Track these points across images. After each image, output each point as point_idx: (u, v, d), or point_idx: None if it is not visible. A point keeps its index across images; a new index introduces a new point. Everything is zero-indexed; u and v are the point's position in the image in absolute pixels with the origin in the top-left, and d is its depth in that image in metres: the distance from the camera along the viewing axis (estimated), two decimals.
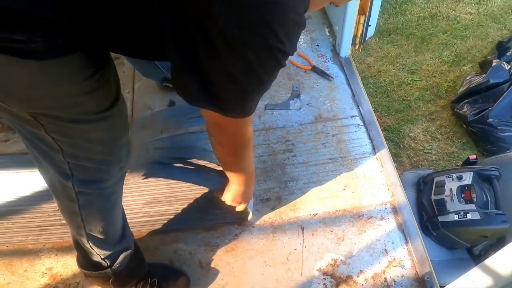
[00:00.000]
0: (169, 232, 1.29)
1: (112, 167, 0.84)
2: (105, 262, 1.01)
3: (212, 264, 1.24)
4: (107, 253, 1.00)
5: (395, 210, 1.36)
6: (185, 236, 1.29)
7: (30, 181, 1.35)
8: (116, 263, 1.03)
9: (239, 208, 1.16)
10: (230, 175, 1.03)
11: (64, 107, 0.65)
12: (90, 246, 0.96)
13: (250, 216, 1.31)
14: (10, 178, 1.38)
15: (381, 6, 2.89)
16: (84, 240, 0.95)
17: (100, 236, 0.95)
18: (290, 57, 1.78)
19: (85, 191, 0.84)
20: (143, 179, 1.28)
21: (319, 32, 1.91)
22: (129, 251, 1.05)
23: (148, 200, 1.34)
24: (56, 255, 1.25)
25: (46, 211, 1.29)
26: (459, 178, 1.62)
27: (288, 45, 0.60)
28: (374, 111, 2.29)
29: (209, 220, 1.32)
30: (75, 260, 1.21)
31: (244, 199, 1.13)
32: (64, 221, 1.25)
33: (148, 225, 1.31)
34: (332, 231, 1.31)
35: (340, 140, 1.51)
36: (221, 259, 1.25)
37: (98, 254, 0.99)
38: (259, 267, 1.24)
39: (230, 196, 1.11)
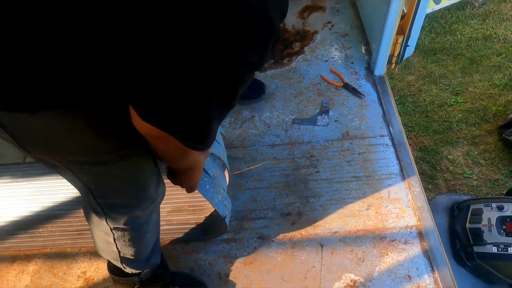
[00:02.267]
0: (190, 242, 1.38)
1: (142, 203, 0.90)
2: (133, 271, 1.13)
3: (231, 276, 1.32)
4: (137, 271, 1.11)
5: (421, 235, 1.38)
6: (206, 246, 1.38)
7: (71, 186, 1.51)
8: (142, 272, 1.14)
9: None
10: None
11: (82, 151, 0.71)
12: (123, 266, 1.08)
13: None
14: (56, 183, 1.54)
15: (428, 25, 2.92)
16: (118, 263, 1.06)
17: (132, 258, 1.05)
18: (322, 73, 1.85)
19: (119, 227, 0.93)
20: None
21: (355, 49, 1.97)
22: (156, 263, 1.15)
23: (171, 209, 1.44)
24: (89, 259, 1.38)
25: (82, 216, 1.42)
26: (500, 208, 1.59)
27: (253, 56, 0.52)
28: (410, 130, 2.31)
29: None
30: (105, 264, 1.35)
31: (184, 182, 0.97)
32: None
33: (171, 233, 1.41)
34: (352, 251, 1.35)
35: (366, 159, 1.56)
36: (239, 271, 1.32)
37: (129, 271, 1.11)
38: (276, 282, 1.30)
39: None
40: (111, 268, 1.17)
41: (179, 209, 1.43)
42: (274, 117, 1.71)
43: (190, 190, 1.00)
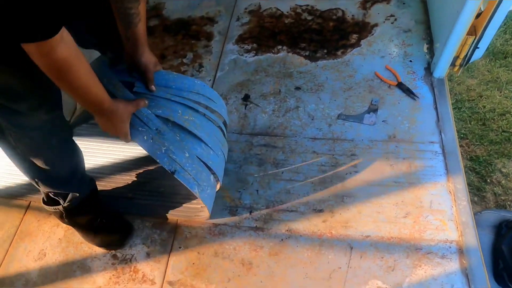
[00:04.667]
0: (218, 224, 1.38)
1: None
2: (58, 199, 1.23)
3: (254, 264, 1.30)
4: (52, 191, 1.21)
5: (461, 252, 1.27)
6: (232, 231, 1.36)
7: (110, 152, 1.54)
8: (66, 201, 1.24)
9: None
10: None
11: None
12: (36, 183, 1.17)
13: (207, 214, 1.35)
14: (98, 147, 1.58)
15: (504, 25, 2.65)
16: (31, 178, 1.16)
17: (44, 172, 1.14)
18: (376, 70, 1.74)
19: (14, 124, 1.02)
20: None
21: (416, 47, 1.83)
22: (77, 195, 1.24)
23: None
24: None
25: (118, 183, 1.46)
26: None
27: None
28: (462, 137, 2.13)
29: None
30: (134, 232, 1.37)
31: (109, 130, 1.07)
32: (130, 195, 1.41)
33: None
34: (383, 257, 1.27)
35: (411, 165, 1.45)
36: (263, 261, 1.30)
37: (44, 192, 1.22)
38: (299, 278, 1.26)
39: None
40: (43, 198, 1.27)
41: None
42: (319, 109, 1.64)
43: (123, 139, 1.09)
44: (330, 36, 1.89)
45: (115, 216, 1.40)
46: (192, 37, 1.97)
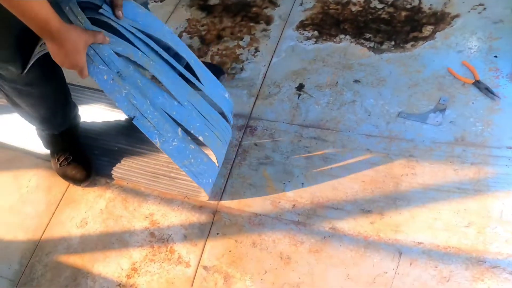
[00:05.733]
0: (258, 214, 1.39)
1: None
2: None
3: (292, 259, 1.29)
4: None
5: None
6: (273, 222, 1.37)
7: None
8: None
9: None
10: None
11: None
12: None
13: (205, 194, 1.39)
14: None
15: None
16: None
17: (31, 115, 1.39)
18: (450, 66, 1.64)
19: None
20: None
21: (506, 40, 1.69)
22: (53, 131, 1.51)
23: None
24: (159, 203, 1.48)
25: (161, 161, 1.54)
26: None
27: None
28: None
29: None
30: (173, 212, 1.45)
31: (63, 62, 1.01)
32: (172, 174, 1.48)
33: None
34: (436, 267, 1.21)
35: (480, 171, 1.35)
36: (302, 257, 1.29)
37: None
38: (339, 278, 1.24)
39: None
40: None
41: None
42: (378, 105, 1.59)
43: (79, 74, 1.06)
44: (400, 27, 1.83)
45: (84, 155, 1.57)
46: (251, 20, 2.00)
